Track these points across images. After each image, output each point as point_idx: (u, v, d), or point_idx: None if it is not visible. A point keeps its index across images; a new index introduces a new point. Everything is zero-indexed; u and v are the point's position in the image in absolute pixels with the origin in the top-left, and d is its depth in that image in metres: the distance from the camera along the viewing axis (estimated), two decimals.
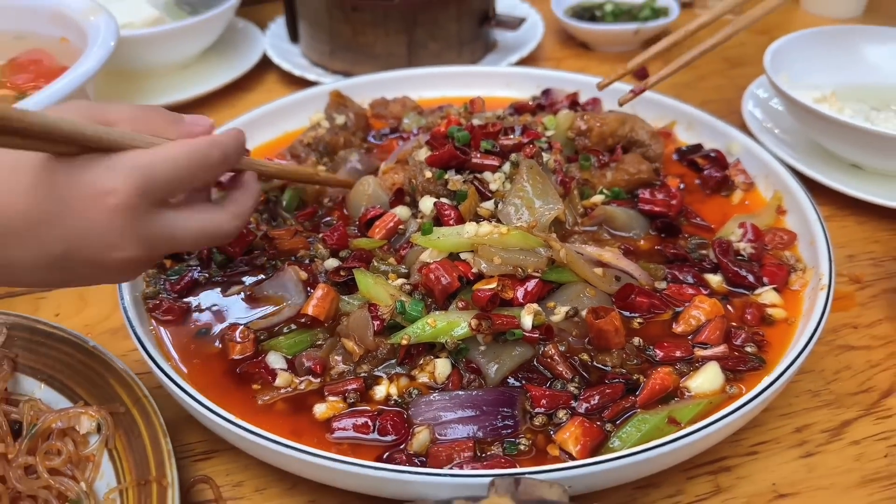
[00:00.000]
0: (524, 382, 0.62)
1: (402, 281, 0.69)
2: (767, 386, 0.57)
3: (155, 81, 1.13)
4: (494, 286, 0.65)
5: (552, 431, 0.59)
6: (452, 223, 0.71)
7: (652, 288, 0.71)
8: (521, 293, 0.66)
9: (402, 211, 0.77)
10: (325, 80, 1.13)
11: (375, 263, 0.72)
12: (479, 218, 0.72)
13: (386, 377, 0.63)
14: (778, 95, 0.93)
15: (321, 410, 0.60)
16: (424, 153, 0.79)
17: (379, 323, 0.64)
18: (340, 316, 0.68)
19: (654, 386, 0.61)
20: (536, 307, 0.65)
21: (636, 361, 0.64)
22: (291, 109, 0.98)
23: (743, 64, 1.20)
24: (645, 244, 0.78)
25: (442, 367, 0.63)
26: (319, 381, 0.63)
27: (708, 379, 0.62)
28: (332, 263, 0.73)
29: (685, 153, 0.92)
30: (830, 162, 0.93)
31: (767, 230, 0.78)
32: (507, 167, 0.76)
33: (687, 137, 0.95)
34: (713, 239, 0.76)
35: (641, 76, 1.18)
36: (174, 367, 0.63)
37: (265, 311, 0.70)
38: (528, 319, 0.63)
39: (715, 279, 0.72)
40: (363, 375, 0.63)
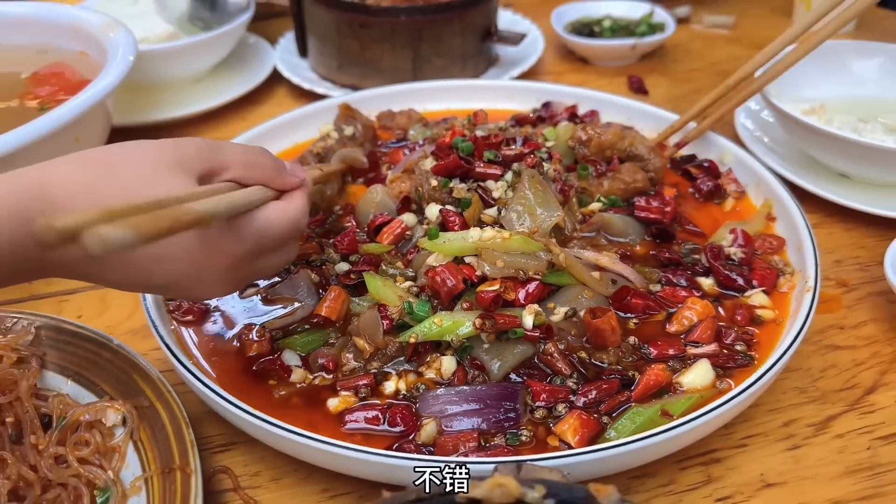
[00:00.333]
0: (525, 378, 0.66)
1: (409, 283, 0.73)
2: (755, 381, 0.61)
3: (170, 94, 1.17)
4: (497, 288, 0.68)
5: (552, 424, 0.62)
6: (457, 229, 0.75)
7: (647, 290, 0.74)
8: (522, 295, 0.69)
9: (408, 217, 0.81)
10: (333, 93, 1.17)
11: (384, 267, 0.76)
12: (482, 224, 0.76)
13: (395, 373, 0.67)
14: (769, 108, 0.97)
15: (334, 404, 0.64)
16: (430, 163, 0.83)
17: (388, 322, 0.68)
18: (351, 316, 0.72)
19: (648, 381, 0.65)
20: (537, 308, 0.68)
21: (631, 359, 0.68)
22: (302, 121, 1.02)
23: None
24: (640, 249, 0.82)
25: (448, 363, 0.67)
26: (332, 377, 0.67)
27: (699, 375, 0.66)
28: (342, 267, 0.77)
29: (680, 163, 0.96)
30: (819, 171, 0.97)
31: (757, 236, 0.82)
32: (509, 176, 0.79)
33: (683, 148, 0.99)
34: (705, 244, 0.80)
35: (636, 84, 1.23)
36: (195, 363, 0.67)
37: (280, 311, 0.74)
38: (529, 319, 0.67)
39: (707, 282, 0.76)
40: (373, 372, 0.67)
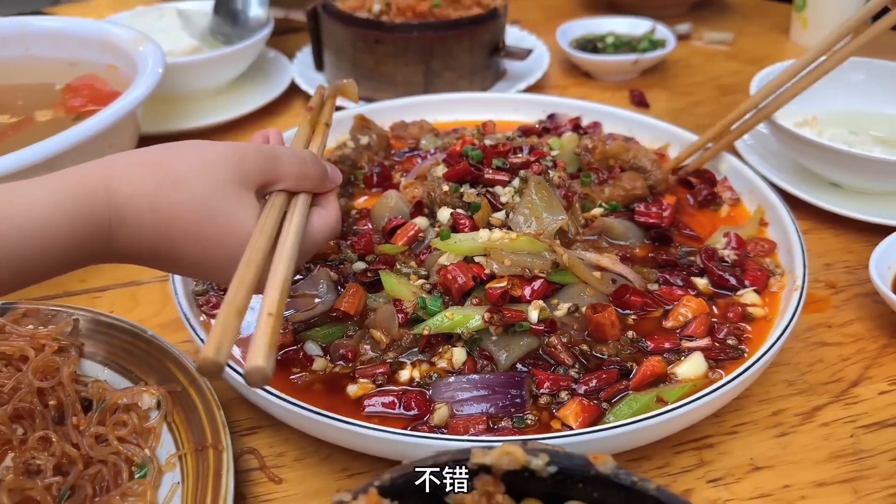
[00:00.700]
0: (531, 368, 0.70)
1: (422, 281, 0.78)
2: (743, 371, 0.65)
3: (193, 105, 1.23)
4: (505, 285, 0.73)
5: (555, 409, 0.67)
6: (467, 230, 0.80)
7: (645, 289, 0.79)
8: (528, 291, 0.74)
9: (421, 221, 0.86)
10: (348, 105, 1.22)
11: (398, 266, 0.81)
12: (491, 226, 0.81)
13: (409, 363, 0.72)
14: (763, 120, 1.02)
15: (353, 390, 0.69)
16: (442, 170, 0.88)
17: (403, 316, 0.73)
18: (368, 311, 0.77)
19: (645, 372, 0.69)
20: (542, 303, 0.73)
21: (630, 351, 0.73)
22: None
23: (735, 92, 1.29)
24: (640, 252, 0.87)
25: (458, 354, 0.71)
26: (351, 365, 0.72)
27: (693, 366, 0.70)
28: (359, 266, 0.82)
29: (683, 171, 1.01)
30: (812, 180, 1.02)
31: (750, 240, 0.87)
32: (516, 182, 0.84)
33: (678, 154, 1.04)
34: (701, 247, 0.85)
35: (637, 98, 1.29)
36: None
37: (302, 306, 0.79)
38: (534, 314, 0.72)
39: (701, 282, 0.81)
40: (389, 361, 0.72)
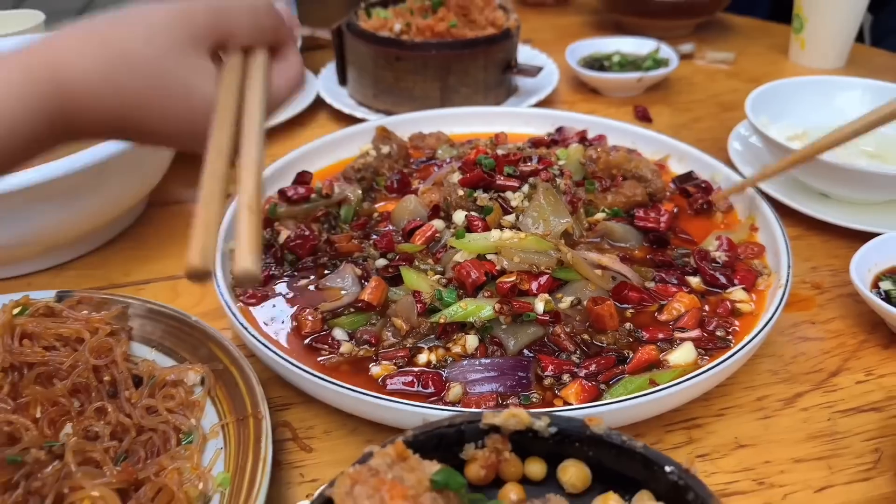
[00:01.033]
0: (536, 353, 0.78)
1: (438, 276, 0.86)
2: (729, 357, 0.73)
3: None
4: (514, 279, 0.81)
5: (557, 390, 0.74)
6: (480, 231, 0.88)
7: (642, 286, 0.87)
8: (535, 286, 0.82)
9: (438, 223, 0.94)
10: (369, 117, 1.31)
11: (417, 263, 0.89)
12: (502, 227, 0.88)
13: (427, 348, 0.79)
14: (756, 133, 1.10)
15: (376, 371, 0.76)
16: (457, 176, 0.96)
17: (421, 306, 0.81)
18: (389, 302, 0.85)
19: (640, 358, 0.77)
20: (547, 296, 0.81)
21: (627, 340, 0.80)
22: (344, 141, 1.16)
23: (733, 109, 1.37)
24: (639, 253, 0.94)
25: (471, 341, 0.79)
26: (374, 349, 0.79)
27: (683, 354, 0.77)
28: (381, 262, 0.90)
29: (679, 181, 1.08)
30: (802, 190, 1.09)
31: (741, 243, 0.94)
32: (525, 188, 0.92)
33: (678, 169, 1.12)
34: (695, 249, 0.92)
35: (641, 113, 1.36)
36: (262, 333, 0.80)
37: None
38: (540, 305, 0.80)
39: (694, 280, 0.88)
40: (409, 346, 0.79)
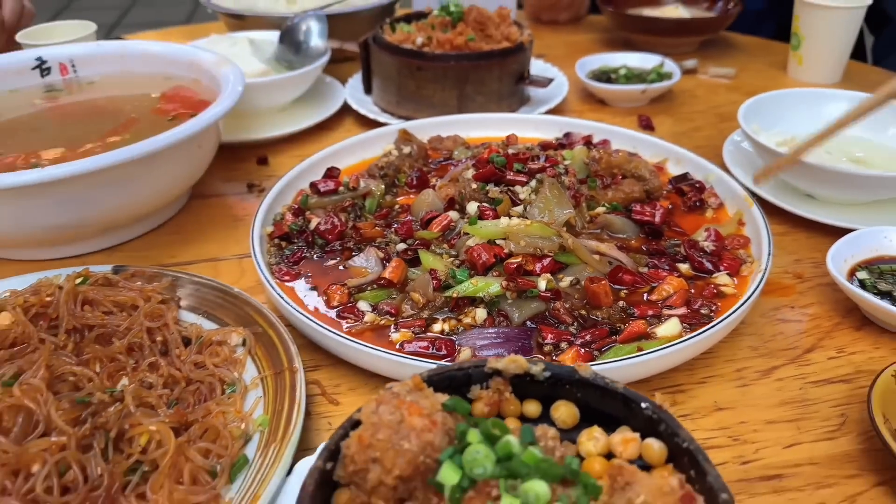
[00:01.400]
0: (538, 324, 0.87)
1: (452, 258, 0.96)
2: (708, 329, 0.82)
3: (261, 120, 1.44)
4: (520, 260, 0.91)
5: (555, 355, 0.83)
6: (491, 219, 0.98)
7: (636, 270, 0.96)
8: (538, 267, 0.92)
9: (453, 214, 1.04)
10: (392, 123, 1.42)
11: (433, 248, 0.99)
12: (510, 216, 0.98)
13: (441, 319, 0.89)
14: (747, 139, 1.19)
15: (395, 337, 0.86)
16: (471, 172, 1.06)
17: (437, 282, 0.91)
18: (408, 280, 0.95)
19: (630, 330, 0.86)
20: (549, 276, 0.91)
21: (619, 315, 0.89)
22: (368, 142, 1.27)
23: (731, 119, 1.45)
24: (635, 243, 1.03)
25: (480, 313, 0.89)
26: (394, 319, 0.89)
27: (669, 328, 0.86)
28: (401, 246, 1.00)
29: (676, 181, 1.18)
30: (790, 191, 1.18)
31: (729, 236, 1.03)
32: (533, 183, 1.02)
33: (676, 170, 1.21)
34: (685, 239, 1.02)
35: (645, 122, 1.46)
36: (297, 302, 0.90)
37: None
38: (542, 283, 0.89)
39: (683, 266, 0.97)
40: (425, 317, 0.89)
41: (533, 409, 0.64)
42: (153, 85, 1.31)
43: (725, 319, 0.83)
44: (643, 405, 0.61)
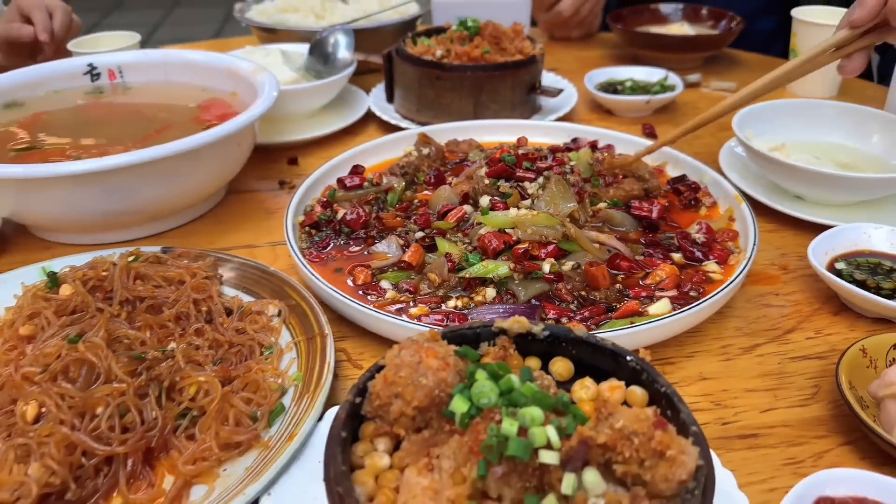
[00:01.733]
0: (542, 302, 0.97)
1: (465, 245, 1.06)
2: (694, 306, 0.91)
3: (291, 125, 1.55)
4: (526, 246, 1.01)
5: None
6: (501, 211, 1.08)
7: (632, 258, 1.06)
8: (543, 252, 1.02)
9: (467, 207, 1.14)
10: (412, 128, 1.53)
11: (448, 236, 1.09)
12: (519, 208, 1.09)
13: (454, 297, 0.99)
14: (741, 145, 1.29)
15: (414, 311, 0.96)
16: (484, 170, 1.17)
17: (451, 265, 1.01)
18: (425, 264, 1.05)
19: (625, 308, 0.95)
20: (553, 261, 1.01)
21: (616, 296, 0.99)
22: (390, 144, 1.38)
23: (729, 129, 1.54)
24: (633, 236, 1.13)
25: (490, 292, 0.98)
26: (413, 296, 0.99)
27: (660, 306, 0.96)
28: (419, 234, 1.10)
29: (674, 182, 1.28)
30: (780, 193, 1.27)
31: (720, 230, 1.13)
32: (540, 180, 1.13)
33: (674, 173, 1.31)
34: (678, 231, 1.11)
35: (648, 131, 1.55)
36: (327, 279, 1.00)
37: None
38: (546, 266, 0.99)
39: (676, 255, 1.07)
40: (440, 295, 0.99)
41: (533, 364, 0.74)
42: (191, 97, 1.43)
43: (711, 299, 0.92)
44: (628, 358, 0.70)
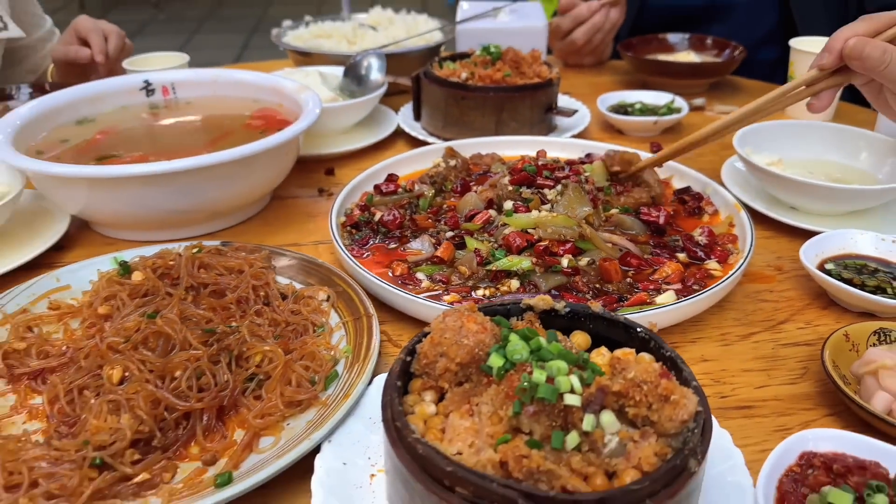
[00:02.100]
0: (561, 293, 1.09)
1: (491, 243, 1.19)
2: (696, 296, 1.03)
3: (327, 139, 1.69)
4: (547, 244, 1.13)
5: None
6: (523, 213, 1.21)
7: (641, 257, 1.18)
8: (562, 249, 1.14)
9: (492, 211, 1.27)
10: (438, 143, 1.66)
11: (475, 236, 1.22)
12: (539, 211, 1.21)
13: (483, 287, 1.11)
14: (741, 160, 1.41)
15: (447, 298, 1.09)
16: (508, 178, 1.30)
17: (479, 259, 1.13)
18: (455, 259, 1.17)
19: (635, 299, 1.07)
20: (570, 257, 1.13)
21: (627, 288, 1.11)
22: (422, 156, 1.51)
23: (731, 148, 1.67)
24: (642, 239, 1.25)
25: (515, 283, 1.11)
26: (445, 286, 1.12)
27: (666, 297, 1.07)
28: (449, 234, 1.23)
29: (679, 192, 1.40)
30: (776, 204, 1.39)
31: (721, 234, 1.25)
32: (559, 187, 1.26)
33: (679, 185, 1.44)
34: (683, 234, 1.24)
35: (656, 148, 1.68)
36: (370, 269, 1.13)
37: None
38: (565, 261, 1.12)
39: (681, 255, 1.19)
40: (470, 285, 1.12)
41: None
42: (243, 107, 1.57)
43: (712, 290, 1.04)
44: (638, 329, 0.82)
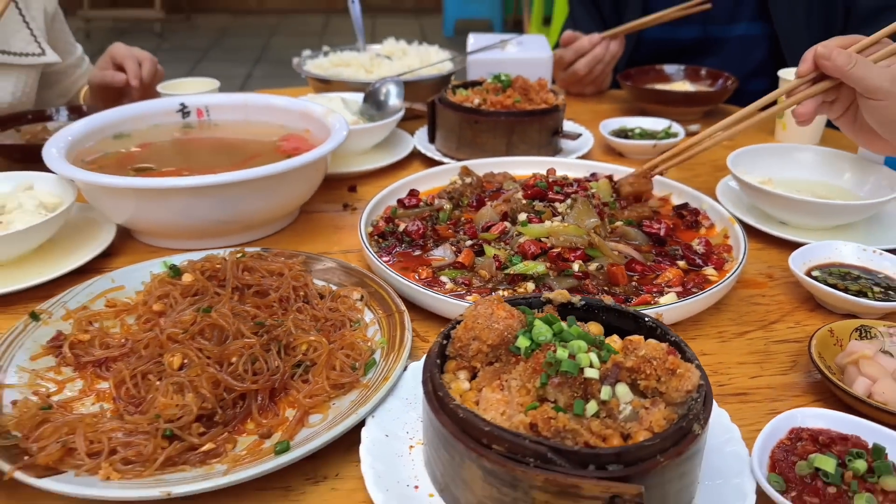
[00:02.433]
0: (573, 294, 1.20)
1: (508, 251, 1.30)
2: (695, 297, 1.14)
3: (348, 159, 1.81)
4: (559, 250, 1.25)
5: None
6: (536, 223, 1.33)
7: (645, 263, 1.29)
8: (573, 255, 1.25)
9: (507, 223, 1.39)
10: (452, 163, 1.78)
11: (493, 245, 1.33)
12: (552, 222, 1.33)
13: (501, 289, 1.22)
14: (734, 179, 1.54)
15: (470, 298, 1.19)
16: (521, 193, 1.42)
17: (498, 263, 1.25)
18: (475, 264, 1.29)
19: (640, 300, 1.18)
20: (581, 262, 1.24)
21: (632, 290, 1.22)
22: (439, 174, 1.63)
23: (724, 170, 1.80)
24: (645, 248, 1.37)
25: (530, 286, 1.22)
26: (467, 288, 1.23)
27: (667, 299, 1.19)
28: (469, 243, 1.35)
29: (678, 208, 1.52)
30: (767, 219, 1.51)
31: (717, 245, 1.37)
32: (568, 201, 1.37)
33: (678, 202, 1.56)
34: (682, 244, 1.35)
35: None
36: (399, 272, 1.24)
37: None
38: (576, 266, 1.23)
39: (681, 263, 1.31)
40: (489, 287, 1.23)
41: None
42: (272, 132, 1.69)
43: (709, 291, 1.16)
44: (646, 318, 0.93)
